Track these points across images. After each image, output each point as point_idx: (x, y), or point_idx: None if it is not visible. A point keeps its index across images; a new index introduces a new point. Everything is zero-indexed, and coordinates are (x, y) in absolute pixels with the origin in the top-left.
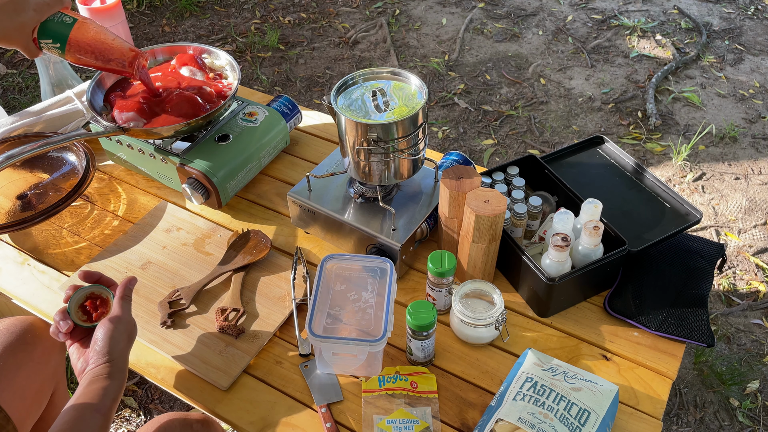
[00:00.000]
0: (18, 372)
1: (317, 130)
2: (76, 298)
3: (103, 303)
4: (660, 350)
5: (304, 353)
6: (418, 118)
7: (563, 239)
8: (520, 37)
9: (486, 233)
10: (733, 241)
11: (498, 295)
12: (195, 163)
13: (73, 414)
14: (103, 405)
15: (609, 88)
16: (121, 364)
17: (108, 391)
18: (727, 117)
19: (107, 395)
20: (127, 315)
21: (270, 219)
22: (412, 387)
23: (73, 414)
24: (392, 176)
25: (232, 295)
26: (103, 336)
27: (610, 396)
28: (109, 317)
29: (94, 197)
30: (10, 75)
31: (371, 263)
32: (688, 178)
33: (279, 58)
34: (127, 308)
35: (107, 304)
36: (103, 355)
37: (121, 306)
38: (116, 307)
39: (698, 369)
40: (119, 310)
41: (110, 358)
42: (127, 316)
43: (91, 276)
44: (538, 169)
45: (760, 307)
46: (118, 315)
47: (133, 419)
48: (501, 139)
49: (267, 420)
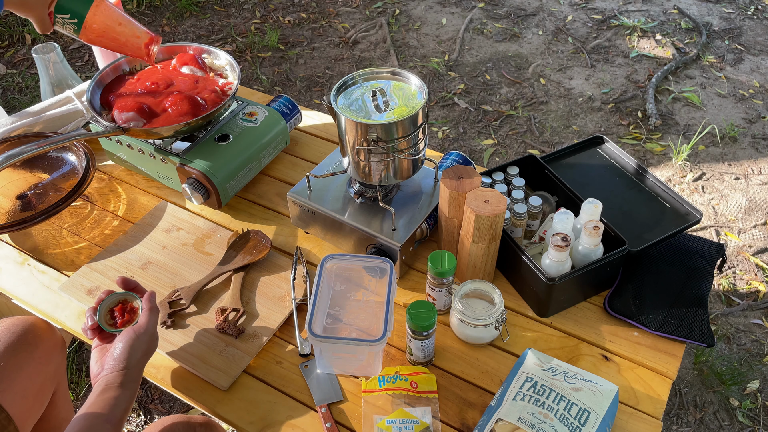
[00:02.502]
0: (19, 372)
1: (317, 130)
2: (108, 302)
3: (132, 311)
4: (660, 350)
5: (304, 353)
6: (418, 118)
7: (563, 239)
8: (520, 37)
9: (486, 233)
10: (733, 241)
11: (498, 295)
12: (195, 163)
13: (84, 423)
14: (114, 415)
15: (609, 88)
16: (135, 374)
17: (119, 401)
18: (727, 117)
19: (118, 405)
20: (151, 328)
21: (270, 219)
22: (412, 387)
23: (84, 423)
24: (392, 176)
25: (232, 295)
26: (123, 344)
27: (610, 396)
28: (134, 326)
29: (94, 197)
30: (10, 75)
31: (371, 263)
32: (688, 178)
33: (279, 58)
34: (153, 321)
35: (135, 313)
36: (119, 362)
37: (148, 318)
38: (143, 317)
39: (698, 369)
40: (145, 322)
41: (126, 365)
42: (152, 328)
43: (127, 283)
44: (538, 169)
45: (760, 307)
46: (142, 325)
47: (133, 419)
48: (501, 139)
49: (267, 420)
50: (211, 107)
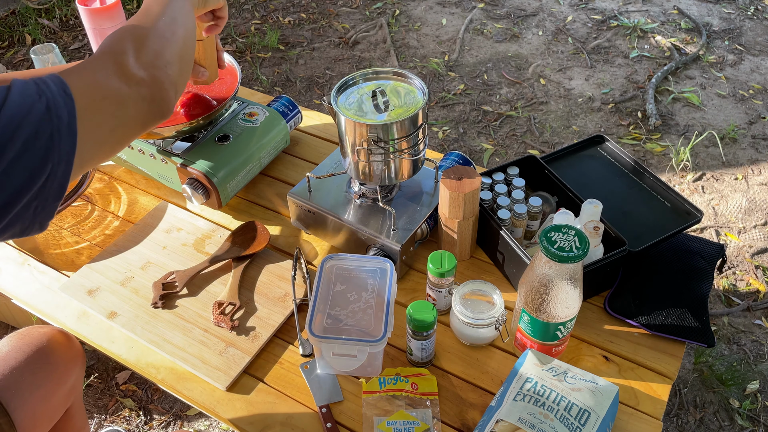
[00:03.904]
0: (34, 392)
1: (317, 130)
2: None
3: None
4: (660, 350)
5: (305, 353)
6: (418, 119)
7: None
8: (519, 37)
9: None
10: (733, 241)
11: (498, 296)
12: (195, 163)
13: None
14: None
15: (609, 89)
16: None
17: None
18: (727, 117)
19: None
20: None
21: (270, 219)
22: (413, 388)
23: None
24: (392, 176)
25: (230, 289)
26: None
27: (611, 396)
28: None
29: (95, 198)
30: None
31: (371, 263)
32: (688, 178)
33: (279, 59)
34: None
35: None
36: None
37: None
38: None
39: (698, 369)
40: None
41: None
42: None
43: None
44: (538, 170)
45: (760, 307)
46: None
47: (133, 419)
48: (501, 139)
49: (267, 420)
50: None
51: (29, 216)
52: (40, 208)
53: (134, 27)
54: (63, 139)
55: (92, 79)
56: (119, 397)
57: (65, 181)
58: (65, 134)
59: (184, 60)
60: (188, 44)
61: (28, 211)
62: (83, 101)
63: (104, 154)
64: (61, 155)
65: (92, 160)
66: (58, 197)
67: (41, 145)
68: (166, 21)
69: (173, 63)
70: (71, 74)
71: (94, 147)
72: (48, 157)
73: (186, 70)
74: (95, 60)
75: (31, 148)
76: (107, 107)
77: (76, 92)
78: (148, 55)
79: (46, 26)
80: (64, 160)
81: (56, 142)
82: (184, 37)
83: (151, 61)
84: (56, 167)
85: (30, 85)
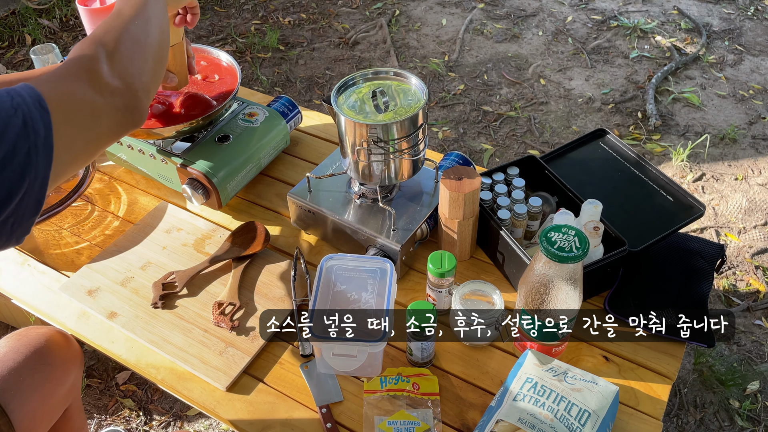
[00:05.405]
0: (33, 393)
1: (317, 130)
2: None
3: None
4: (660, 350)
5: (305, 354)
6: (418, 119)
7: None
8: (520, 37)
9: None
10: (733, 241)
11: (498, 296)
12: (195, 163)
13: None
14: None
15: (609, 89)
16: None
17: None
18: (727, 117)
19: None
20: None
21: (270, 219)
22: (414, 388)
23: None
24: (392, 176)
25: (230, 289)
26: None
27: (611, 396)
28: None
29: (95, 198)
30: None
31: (371, 264)
32: (688, 178)
33: (279, 59)
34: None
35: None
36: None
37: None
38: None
39: (698, 370)
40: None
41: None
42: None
43: None
44: (538, 170)
45: (760, 307)
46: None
47: (133, 419)
48: (501, 139)
49: (267, 420)
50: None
51: (6, 232)
52: (17, 224)
53: (106, 32)
54: (40, 155)
55: (66, 90)
56: (119, 398)
57: (42, 196)
58: (42, 149)
59: (157, 62)
60: (162, 46)
61: (5, 227)
62: (58, 114)
63: (77, 166)
64: (38, 171)
65: (65, 172)
66: (35, 213)
67: (19, 161)
68: (139, 23)
69: (147, 68)
70: (44, 84)
71: (68, 159)
72: (25, 173)
73: (159, 73)
74: (67, 68)
75: (8, 165)
76: (82, 120)
77: (51, 104)
78: (121, 62)
79: (46, 26)
80: (40, 176)
81: (33, 158)
82: (158, 39)
83: (125, 68)
84: (33, 183)
85: (3, 98)
